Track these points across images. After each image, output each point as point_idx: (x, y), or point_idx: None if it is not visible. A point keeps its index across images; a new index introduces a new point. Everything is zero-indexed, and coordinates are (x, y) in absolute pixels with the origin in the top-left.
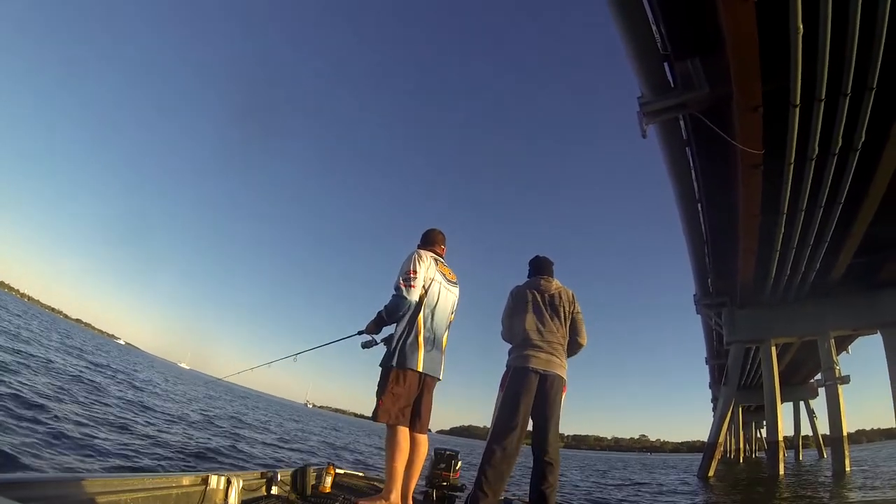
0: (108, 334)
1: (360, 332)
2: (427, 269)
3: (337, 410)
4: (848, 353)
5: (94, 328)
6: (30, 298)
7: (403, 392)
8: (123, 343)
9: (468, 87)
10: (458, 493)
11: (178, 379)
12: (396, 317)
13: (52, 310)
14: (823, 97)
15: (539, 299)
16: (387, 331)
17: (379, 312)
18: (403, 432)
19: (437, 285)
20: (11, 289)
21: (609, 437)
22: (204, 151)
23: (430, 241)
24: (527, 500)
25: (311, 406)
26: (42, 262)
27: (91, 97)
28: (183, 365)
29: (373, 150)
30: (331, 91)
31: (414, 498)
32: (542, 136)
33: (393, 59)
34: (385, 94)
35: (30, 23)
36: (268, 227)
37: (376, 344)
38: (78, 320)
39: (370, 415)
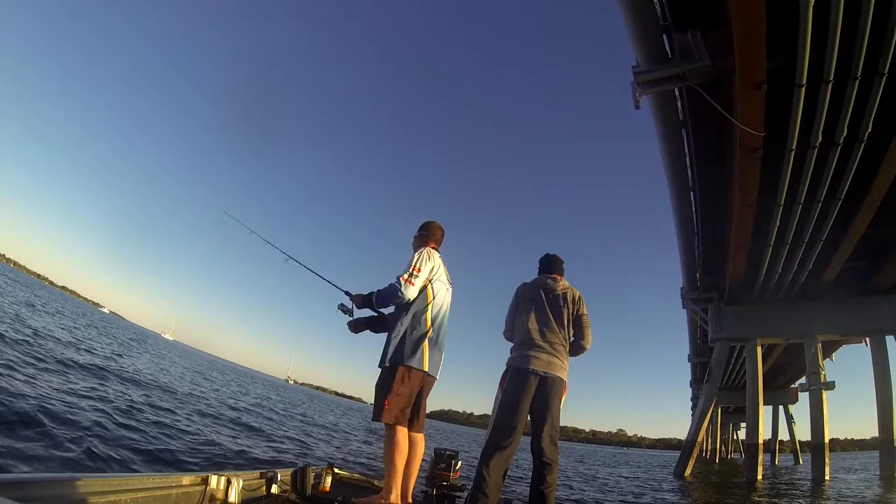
0: (92, 302)
1: (347, 293)
2: (433, 269)
3: (318, 388)
4: (832, 359)
5: (78, 295)
6: (15, 264)
7: (407, 392)
8: (108, 311)
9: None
10: (458, 493)
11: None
12: (384, 305)
13: (38, 276)
14: (832, 78)
15: (544, 298)
16: (364, 313)
17: (372, 293)
18: (403, 432)
19: (442, 286)
20: None
21: (587, 430)
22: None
23: (436, 237)
24: (526, 500)
25: (292, 382)
26: (35, 232)
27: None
28: (167, 336)
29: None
30: (331, 83)
31: (414, 498)
32: (533, 127)
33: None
34: (370, 77)
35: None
36: (264, 211)
37: (351, 316)
38: (63, 287)
39: (372, 414)
